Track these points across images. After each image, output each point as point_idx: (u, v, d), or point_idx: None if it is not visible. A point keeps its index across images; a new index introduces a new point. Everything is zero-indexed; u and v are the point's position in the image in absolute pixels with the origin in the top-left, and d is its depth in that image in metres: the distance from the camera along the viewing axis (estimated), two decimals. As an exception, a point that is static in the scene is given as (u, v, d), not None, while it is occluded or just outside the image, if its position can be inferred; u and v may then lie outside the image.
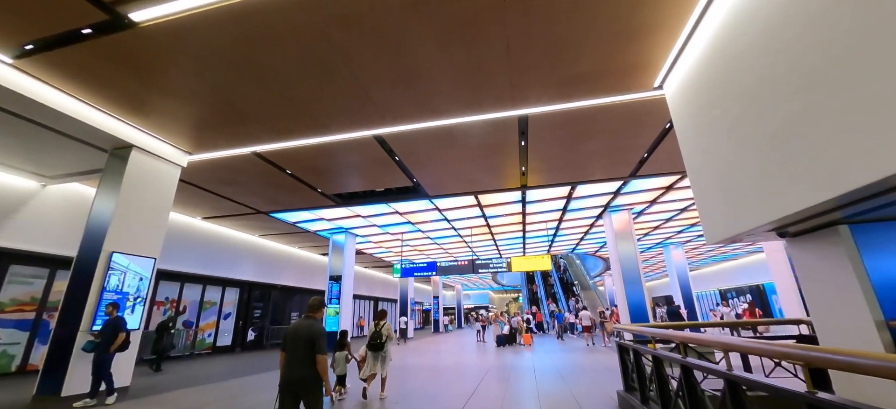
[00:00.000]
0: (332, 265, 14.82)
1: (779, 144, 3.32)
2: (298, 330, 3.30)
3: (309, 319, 3.43)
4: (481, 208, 12.32)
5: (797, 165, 3.11)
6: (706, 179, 4.66)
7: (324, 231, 14.97)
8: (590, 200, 11.97)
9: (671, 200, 12.28)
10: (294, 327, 3.36)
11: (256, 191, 10.28)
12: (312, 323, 3.37)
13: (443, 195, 10.77)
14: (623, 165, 9.08)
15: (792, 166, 3.17)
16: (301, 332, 3.29)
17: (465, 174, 9.33)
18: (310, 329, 3.30)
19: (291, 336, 3.33)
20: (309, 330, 3.30)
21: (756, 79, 3.60)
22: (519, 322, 15.73)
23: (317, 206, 11.62)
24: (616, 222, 12.78)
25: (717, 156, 4.34)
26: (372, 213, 12.65)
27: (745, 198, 3.85)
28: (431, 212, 12.70)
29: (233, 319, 15.29)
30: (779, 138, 3.31)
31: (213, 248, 14.04)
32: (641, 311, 11.75)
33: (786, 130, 3.23)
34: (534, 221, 14.26)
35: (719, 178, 4.32)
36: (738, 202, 4.00)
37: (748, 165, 3.78)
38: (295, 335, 3.30)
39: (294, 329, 3.34)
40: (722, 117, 4.21)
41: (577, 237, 17.42)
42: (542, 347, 14.71)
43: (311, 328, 3.31)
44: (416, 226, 14.39)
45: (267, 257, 16.86)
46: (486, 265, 14.31)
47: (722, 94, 4.18)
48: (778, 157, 3.34)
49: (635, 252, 12.33)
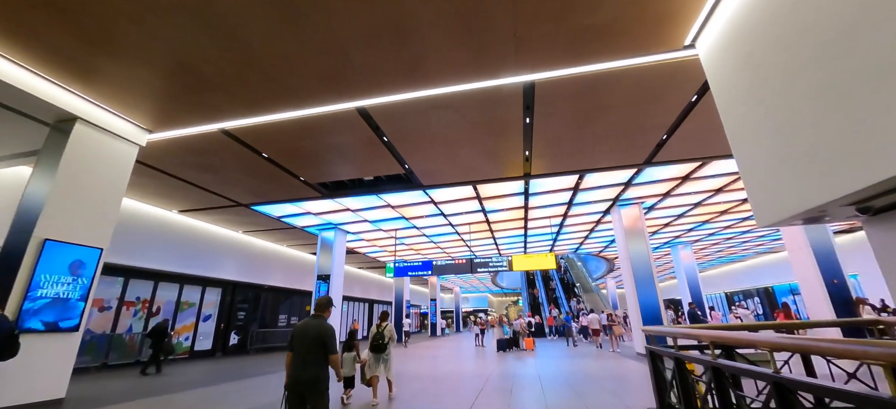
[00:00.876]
0: (320, 264, 13.84)
1: (868, 91, 2.45)
2: (306, 329, 3.26)
3: (317, 318, 3.37)
4: (480, 201, 11.38)
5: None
6: (757, 148, 3.74)
7: (311, 227, 14.00)
8: (598, 192, 11.03)
9: (686, 193, 11.36)
10: (302, 326, 3.32)
11: (233, 179, 9.32)
12: (321, 322, 3.32)
13: (438, 185, 9.82)
14: (638, 149, 8.15)
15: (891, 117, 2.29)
16: (309, 331, 3.24)
17: (463, 160, 8.40)
18: (318, 329, 3.25)
19: (299, 336, 3.27)
20: (317, 330, 3.24)
21: (833, 9, 2.71)
22: (521, 325, 14.76)
23: (301, 197, 10.66)
24: (626, 218, 11.84)
25: (774, 117, 3.42)
26: (362, 206, 11.69)
27: (814, 166, 2.97)
28: (426, 206, 11.75)
29: (213, 321, 14.27)
30: (867, 83, 2.44)
31: (191, 244, 13.06)
32: (654, 314, 10.79)
33: (878, 70, 2.34)
34: (537, 217, 13.31)
35: (777, 144, 3.40)
36: (803, 172, 3.10)
37: (821, 123, 2.89)
38: (303, 335, 3.25)
39: (302, 328, 3.30)
40: (779, 68, 3.30)
41: (581, 235, 16.47)
42: (545, 352, 13.72)
43: (319, 328, 3.25)
44: (410, 222, 13.44)
45: (252, 255, 15.87)
46: (485, 264, 13.37)
47: (783, 36, 3.26)
48: (868, 106, 2.46)
49: (647, 250, 11.39)
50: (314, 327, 3.26)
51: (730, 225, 15.71)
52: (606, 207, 12.39)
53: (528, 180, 9.79)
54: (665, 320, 10.75)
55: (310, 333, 3.23)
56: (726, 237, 18.47)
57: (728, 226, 15.89)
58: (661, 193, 11.37)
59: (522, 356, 12.76)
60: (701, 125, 7.18)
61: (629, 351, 12.53)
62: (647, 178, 10.00)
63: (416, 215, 12.71)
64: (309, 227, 13.93)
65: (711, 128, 7.28)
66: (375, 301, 28.42)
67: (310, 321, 3.32)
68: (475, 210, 12.29)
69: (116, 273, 11.02)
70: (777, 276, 24.47)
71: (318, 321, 3.33)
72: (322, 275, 13.70)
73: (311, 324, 3.30)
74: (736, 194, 11.57)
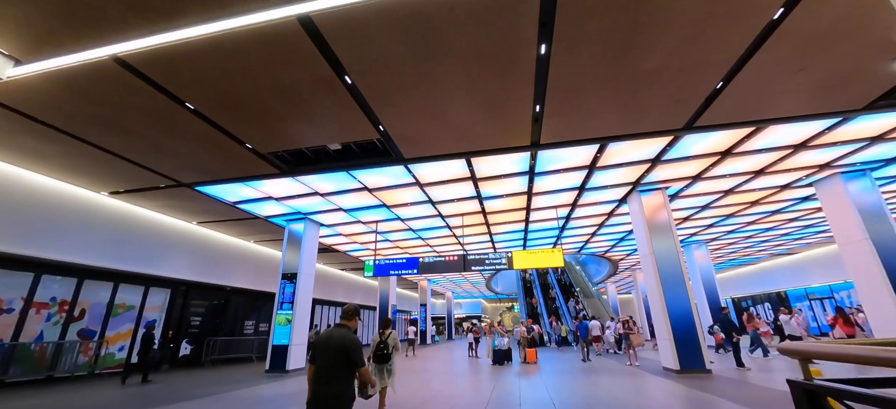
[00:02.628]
0: (285, 261, 11.75)
1: None
2: (330, 341, 2.93)
3: (341, 328, 3.04)
4: (475, 184, 9.43)
5: None
6: None
7: (277, 217, 11.91)
8: (616, 173, 9.15)
9: (718, 176, 9.54)
10: (325, 336, 2.97)
11: (159, 145, 7.26)
12: (346, 333, 2.98)
13: (423, 158, 7.87)
14: (682, 106, 6.30)
15: None
16: (333, 342, 2.92)
17: (454, 118, 6.46)
18: (343, 340, 2.92)
19: (322, 347, 2.93)
20: (342, 341, 2.91)
21: None
22: (522, 333, 12.75)
23: (256, 175, 8.63)
24: (647, 207, 9.99)
25: None
26: (333, 188, 9.67)
27: None
28: (410, 190, 9.77)
29: (159, 328, 12.05)
30: None
31: (129, 235, 10.89)
32: (687, 322, 8.90)
33: None
34: (541, 208, 11.40)
35: None
36: None
37: None
38: (326, 347, 2.91)
39: (325, 339, 2.95)
40: None
41: (589, 231, 14.58)
42: (550, 365, 11.74)
43: (344, 339, 2.92)
44: (393, 212, 11.44)
45: (211, 251, 13.70)
46: (480, 262, 11.41)
47: None
48: None
49: (675, 245, 9.53)
50: (338, 338, 2.94)
51: (756, 220, 13.97)
52: (624, 193, 10.52)
53: (536, 154, 7.88)
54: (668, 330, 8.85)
55: (333, 344, 2.92)
56: (746, 236, 16.75)
57: (753, 221, 14.14)
58: (689, 177, 9.54)
59: (527, 371, 10.76)
60: (769, 68, 5.37)
61: (652, 365, 10.61)
62: (678, 152, 8.15)
63: (398, 202, 10.72)
64: (274, 217, 11.85)
65: (781, 73, 5.45)
66: (361, 306, 26.22)
67: (334, 331, 3.00)
68: (469, 196, 10.34)
69: (20, 267, 8.83)
70: (792, 280, 22.87)
71: (342, 331, 3.00)
72: (288, 274, 11.60)
73: (335, 334, 2.97)
74: (778, 178, 9.78)
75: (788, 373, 8.44)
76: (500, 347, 12.21)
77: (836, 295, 20.25)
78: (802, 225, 15.19)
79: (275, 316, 11.18)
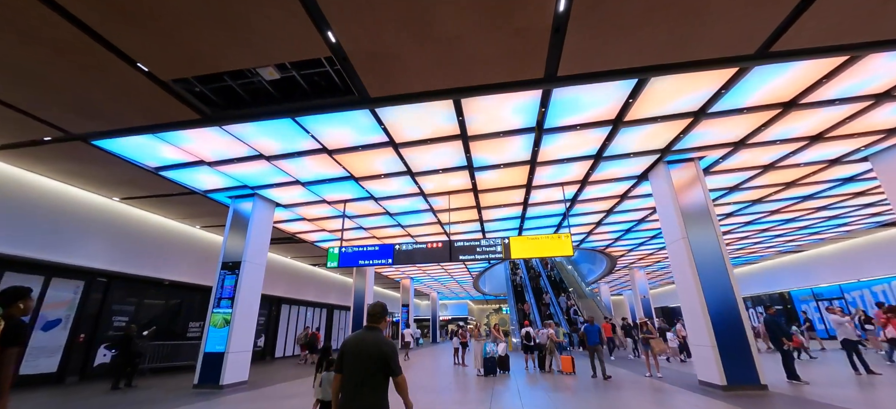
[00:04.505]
0: (227, 246, 9.43)
1: None
2: (362, 346, 2.55)
3: (372, 330, 2.65)
4: (466, 145, 7.35)
5: None
6: None
7: (219, 193, 9.57)
8: (644, 134, 7.21)
9: (767, 143, 7.72)
10: (355, 341, 2.59)
11: (12, 63, 4.94)
12: (379, 338, 2.60)
13: (396, 98, 5.75)
14: (765, 7, 4.35)
15: None
16: (365, 348, 2.54)
17: (440, 25, 4.37)
18: (377, 346, 2.54)
19: (352, 354, 2.55)
20: (376, 347, 2.54)
21: None
22: (551, 336, 10.69)
23: (167, 122, 6.36)
24: (678, 183, 8.10)
25: None
26: (281, 148, 7.44)
27: None
28: (383, 153, 7.62)
29: (66, 329, 9.54)
30: None
31: (21, 209, 8.41)
32: (734, 325, 7.01)
33: None
34: (545, 183, 9.42)
35: None
36: None
37: None
38: (357, 353, 2.54)
39: (355, 344, 2.57)
40: None
41: (595, 218, 12.66)
42: (557, 377, 9.73)
43: (378, 344, 2.55)
44: (363, 187, 9.26)
45: (141, 236, 11.22)
46: (469, 249, 9.33)
47: None
48: None
49: (715, 227, 7.66)
50: (372, 344, 2.54)
51: (781, 209, 12.31)
52: (647, 166, 8.60)
53: (550, 97, 5.86)
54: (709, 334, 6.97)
55: (366, 350, 2.52)
56: (762, 229, 15.15)
57: (778, 210, 12.48)
58: (730, 143, 7.69)
59: (537, 384, 8.72)
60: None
61: (681, 377, 8.70)
62: (731, 101, 6.27)
63: (369, 173, 8.56)
64: (215, 192, 9.50)
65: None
66: (336, 306, 23.85)
67: (365, 335, 2.59)
68: (458, 165, 8.26)
69: None
70: (797, 280, 21.52)
71: (375, 335, 2.60)
72: (229, 262, 9.28)
73: (367, 339, 2.57)
74: (834, 148, 8.04)
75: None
76: (493, 354, 10.13)
77: (846, 295, 18.94)
78: (829, 216, 13.65)
79: (209, 316, 8.85)
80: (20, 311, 2.95)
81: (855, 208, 12.92)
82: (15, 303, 2.92)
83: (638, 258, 20.77)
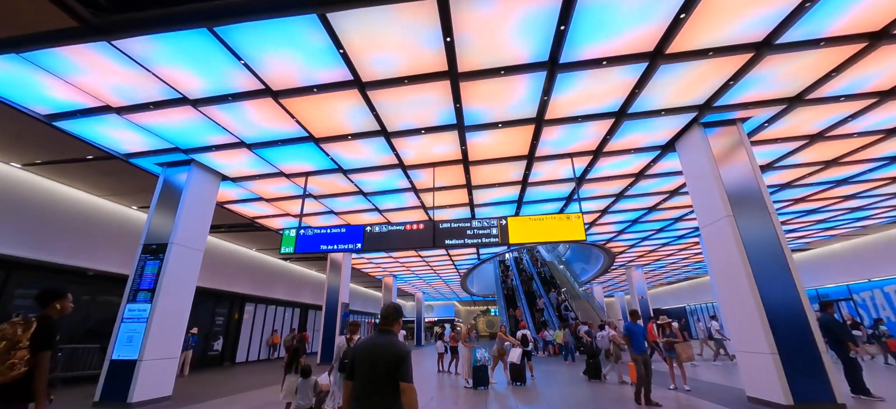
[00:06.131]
0: (151, 225, 7.46)
1: None
2: (373, 350, 2.34)
3: (385, 333, 2.46)
4: (455, 85, 5.60)
5: None
6: None
7: (144, 158, 7.58)
8: (687, 77, 5.60)
9: (828, 100, 6.22)
10: (367, 345, 2.40)
11: None
12: (392, 341, 2.39)
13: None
14: None
15: None
16: (378, 352, 2.33)
17: None
18: (390, 350, 2.33)
19: (364, 358, 2.35)
20: (389, 350, 2.32)
21: None
22: (613, 337, 8.69)
23: (35, 34, 4.47)
24: (718, 150, 6.54)
25: None
26: (209, 89, 5.56)
27: None
28: (345, 98, 5.82)
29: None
30: None
31: None
32: (798, 326, 5.44)
33: None
34: (550, 154, 7.76)
35: None
36: None
37: None
38: (369, 357, 2.33)
39: (367, 348, 2.37)
40: None
41: (604, 203, 11.03)
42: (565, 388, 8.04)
43: (391, 348, 2.34)
44: (325, 152, 7.43)
45: (52, 213, 9.07)
46: (458, 232, 7.58)
47: None
48: None
49: (767, 204, 6.11)
50: (384, 348, 2.33)
51: (808, 197, 10.95)
52: (678, 130, 7.00)
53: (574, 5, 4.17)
54: (767, 338, 5.40)
55: (379, 354, 2.31)
56: (778, 222, 13.80)
57: (804, 198, 11.12)
58: (786, 97, 6.15)
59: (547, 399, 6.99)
60: None
61: (721, 393, 7.10)
62: (809, 27, 4.70)
63: (331, 132, 6.74)
64: (138, 156, 7.51)
65: None
66: (312, 306, 21.80)
67: (377, 339, 2.39)
68: (444, 123, 6.52)
69: None
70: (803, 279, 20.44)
71: (387, 339, 2.39)
72: (152, 244, 7.30)
73: (379, 343, 2.36)
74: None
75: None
76: (484, 361, 8.37)
77: (855, 296, 17.88)
78: (853, 207, 12.40)
79: (121, 312, 6.87)
80: (56, 312, 2.81)
81: (883, 198, 11.69)
82: (51, 304, 2.79)
83: (637, 255, 19.36)
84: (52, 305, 2.81)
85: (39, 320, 2.68)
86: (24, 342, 2.54)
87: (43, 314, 2.75)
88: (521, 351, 8.61)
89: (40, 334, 2.61)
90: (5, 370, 2.46)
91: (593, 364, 9.02)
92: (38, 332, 2.60)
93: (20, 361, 2.52)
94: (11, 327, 2.55)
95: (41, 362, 2.60)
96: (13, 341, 2.52)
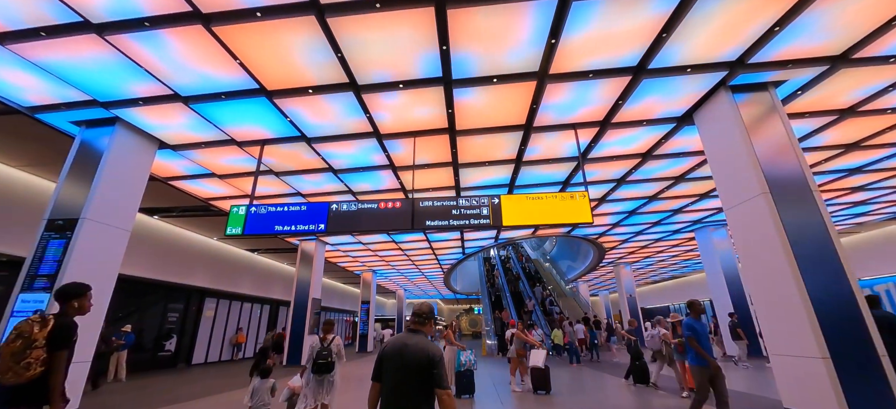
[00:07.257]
0: (60, 194, 5.98)
1: None
2: (405, 351, 2.19)
3: (416, 333, 2.32)
4: (442, 10, 4.41)
5: None
6: None
7: (55, 113, 6.06)
8: (720, 21, 4.57)
9: (881, 59, 5.33)
10: (397, 345, 2.25)
11: None
12: (423, 342, 2.25)
13: None
14: None
15: None
16: (409, 353, 2.18)
17: None
18: (422, 351, 2.18)
19: (393, 359, 2.20)
20: (421, 352, 2.17)
21: None
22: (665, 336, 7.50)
23: None
24: (749, 119, 5.57)
25: None
26: (110, 7, 4.19)
27: None
28: (301, 25, 4.54)
29: None
30: None
31: None
32: (853, 324, 4.49)
33: None
34: (552, 123, 6.67)
35: None
36: None
37: None
38: (400, 358, 2.18)
39: (396, 349, 2.22)
40: None
41: (606, 187, 10.00)
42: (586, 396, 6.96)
43: (423, 349, 2.19)
44: (283, 113, 6.12)
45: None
46: (441, 212, 6.39)
47: None
48: None
49: (809, 182, 5.16)
50: (415, 349, 2.18)
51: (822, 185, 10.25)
52: (702, 95, 5.99)
53: None
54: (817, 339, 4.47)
55: (410, 355, 2.16)
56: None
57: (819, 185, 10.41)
58: (829, 56, 5.23)
59: None
60: None
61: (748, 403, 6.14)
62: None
63: (288, 83, 5.44)
64: (47, 110, 6.00)
65: None
66: (283, 302, 20.25)
67: (407, 339, 2.25)
68: (428, 76, 5.32)
69: None
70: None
71: (418, 339, 2.25)
72: (58, 220, 5.83)
73: (410, 344, 2.21)
74: (956, 79, 5.77)
75: None
76: (470, 365, 7.21)
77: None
78: (858, 200, 11.87)
79: (11, 303, 5.39)
80: (74, 310, 2.74)
81: (886, 192, 11.17)
82: (70, 302, 2.72)
83: (628, 252, 18.63)
84: (71, 303, 2.73)
85: (56, 318, 2.62)
86: (40, 340, 2.48)
87: (60, 313, 2.70)
88: (545, 353, 7.49)
89: (57, 333, 2.54)
90: (21, 370, 2.39)
91: (639, 367, 7.97)
92: (55, 331, 2.54)
93: (36, 361, 2.45)
94: (28, 324, 2.51)
95: (57, 362, 2.53)
96: (29, 339, 2.46)
